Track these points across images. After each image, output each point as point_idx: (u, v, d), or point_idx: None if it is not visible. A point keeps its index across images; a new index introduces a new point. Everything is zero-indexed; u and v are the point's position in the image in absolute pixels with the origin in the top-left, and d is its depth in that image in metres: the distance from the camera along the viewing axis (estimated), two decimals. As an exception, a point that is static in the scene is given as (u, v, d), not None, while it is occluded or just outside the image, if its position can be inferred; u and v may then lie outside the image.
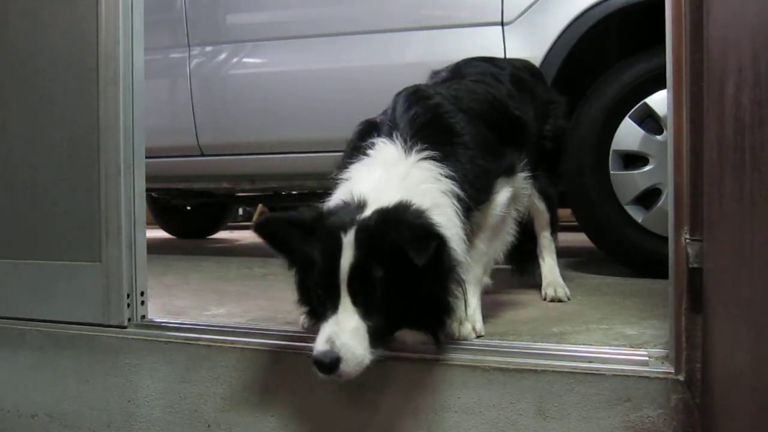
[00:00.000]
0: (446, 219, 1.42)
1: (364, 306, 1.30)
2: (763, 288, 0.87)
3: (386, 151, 1.51)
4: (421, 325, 1.38)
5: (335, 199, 1.48)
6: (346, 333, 1.27)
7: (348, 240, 1.31)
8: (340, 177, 1.54)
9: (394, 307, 1.34)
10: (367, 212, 1.36)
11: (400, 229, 1.30)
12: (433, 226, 1.33)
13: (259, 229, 1.41)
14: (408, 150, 1.49)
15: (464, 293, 1.44)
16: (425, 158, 1.48)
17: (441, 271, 1.36)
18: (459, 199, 1.47)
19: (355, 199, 1.41)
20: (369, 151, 1.53)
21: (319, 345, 1.26)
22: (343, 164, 1.57)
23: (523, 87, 2.06)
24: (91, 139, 1.77)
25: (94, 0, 1.76)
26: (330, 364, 1.24)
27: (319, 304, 1.37)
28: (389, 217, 1.34)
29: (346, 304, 1.30)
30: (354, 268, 1.30)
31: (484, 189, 1.61)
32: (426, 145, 1.50)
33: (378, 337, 1.31)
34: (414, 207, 1.36)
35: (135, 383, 1.67)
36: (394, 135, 1.53)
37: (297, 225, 1.40)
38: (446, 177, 1.48)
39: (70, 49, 1.81)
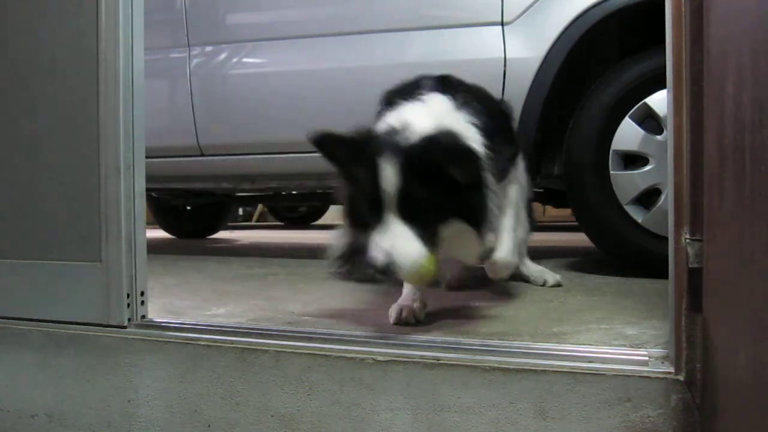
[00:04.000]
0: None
1: (408, 214, 1.48)
2: (763, 288, 0.87)
3: (437, 99, 1.70)
4: (465, 221, 1.55)
5: (383, 123, 1.63)
6: (397, 238, 1.47)
7: (395, 160, 1.48)
8: (386, 110, 1.71)
9: (436, 212, 1.52)
10: (414, 136, 1.52)
11: (445, 153, 1.49)
12: (474, 151, 1.52)
13: (315, 141, 1.57)
14: (457, 107, 1.68)
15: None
16: (469, 119, 1.65)
17: (476, 185, 1.53)
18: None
19: (403, 125, 1.56)
20: (420, 97, 1.70)
21: (378, 256, 1.46)
22: (386, 104, 1.74)
23: None
24: (91, 139, 1.77)
25: (95, 0, 1.76)
26: (388, 273, 1.47)
27: (368, 217, 1.54)
28: (435, 141, 1.51)
29: (391, 216, 1.48)
30: (399, 184, 1.47)
31: (504, 167, 1.78)
32: (470, 112, 1.67)
33: (427, 236, 1.50)
34: (455, 133, 1.55)
35: (135, 383, 1.67)
36: (445, 93, 1.70)
37: (348, 144, 1.56)
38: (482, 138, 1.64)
39: (70, 49, 1.81)
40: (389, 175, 1.48)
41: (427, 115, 1.60)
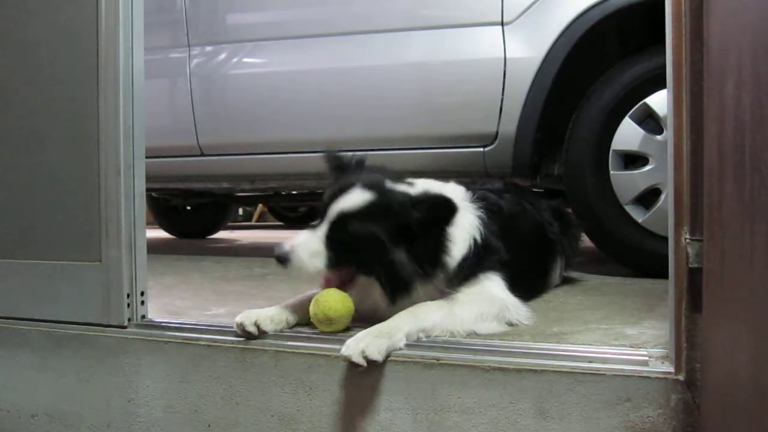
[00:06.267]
0: (464, 232, 1.65)
1: (335, 241, 1.55)
2: (763, 288, 0.88)
3: (454, 186, 1.83)
4: (381, 282, 1.57)
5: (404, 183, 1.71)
6: (306, 249, 1.55)
7: (360, 191, 1.57)
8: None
9: (362, 257, 1.57)
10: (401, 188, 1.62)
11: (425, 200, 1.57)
12: (450, 203, 1.56)
13: (327, 158, 1.74)
14: (471, 197, 1.77)
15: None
16: (476, 211, 1.73)
17: (427, 251, 1.57)
18: (476, 245, 1.66)
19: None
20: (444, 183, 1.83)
21: (285, 247, 1.55)
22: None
23: None
24: (91, 139, 1.77)
25: (94, 0, 1.76)
26: (283, 263, 1.55)
27: (317, 214, 1.65)
28: (427, 198, 1.59)
29: (322, 230, 1.57)
30: (346, 211, 1.55)
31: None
32: (482, 207, 1.76)
33: (335, 263, 1.57)
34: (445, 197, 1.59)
35: (135, 383, 1.67)
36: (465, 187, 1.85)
37: (342, 165, 1.71)
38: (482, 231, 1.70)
39: (70, 49, 1.81)
40: (350, 195, 1.56)
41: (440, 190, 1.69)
